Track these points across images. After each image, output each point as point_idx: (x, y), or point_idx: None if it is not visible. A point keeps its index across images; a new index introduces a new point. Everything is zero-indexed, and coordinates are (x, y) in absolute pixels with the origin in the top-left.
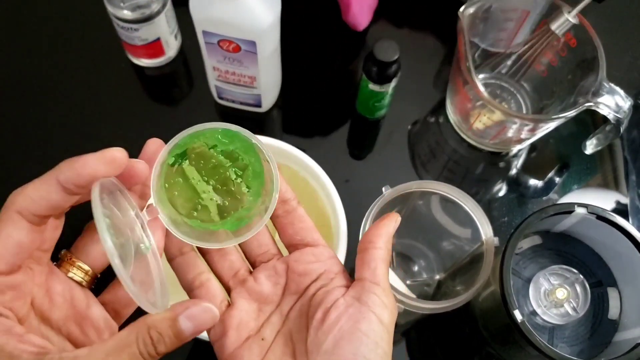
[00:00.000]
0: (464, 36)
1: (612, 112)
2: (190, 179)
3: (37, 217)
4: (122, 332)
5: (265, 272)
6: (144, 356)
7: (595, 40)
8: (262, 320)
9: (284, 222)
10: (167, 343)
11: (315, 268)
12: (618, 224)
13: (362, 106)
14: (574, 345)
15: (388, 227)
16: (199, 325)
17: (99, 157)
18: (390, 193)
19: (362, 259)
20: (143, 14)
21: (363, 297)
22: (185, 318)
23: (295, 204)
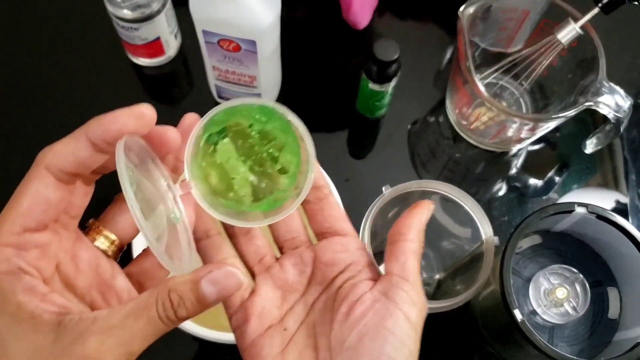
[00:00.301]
0: (463, 36)
1: (612, 111)
2: (227, 157)
3: (65, 174)
4: (143, 294)
5: (292, 260)
6: (163, 320)
7: (595, 39)
8: (285, 310)
9: (314, 209)
10: (188, 308)
11: (342, 258)
12: (618, 223)
13: (362, 105)
14: (573, 344)
15: (420, 217)
16: (222, 290)
17: (128, 111)
18: (390, 192)
19: (391, 251)
20: (143, 13)
21: (390, 292)
22: (207, 282)
23: (327, 191)
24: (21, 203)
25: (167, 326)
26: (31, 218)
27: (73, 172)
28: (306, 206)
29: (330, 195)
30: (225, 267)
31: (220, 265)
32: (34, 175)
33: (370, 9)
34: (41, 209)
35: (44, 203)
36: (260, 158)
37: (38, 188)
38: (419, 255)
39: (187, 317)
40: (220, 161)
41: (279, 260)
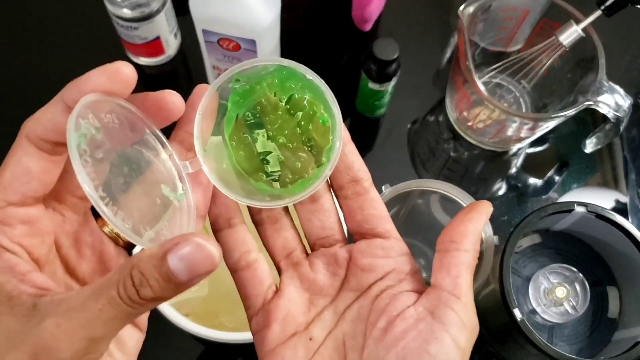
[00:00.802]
0: (463, 35)
1: (612, 110)
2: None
3: (46, 142)
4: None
5: (324, 259)
6: (125, 301)
7: (595, 39)
8: (312, 316)
9: (352, 206)
10: (153, 287)
11: (382, 264)
12: (617, 222)
13: (361, 105)
14: (573, 343)
15: (477, 224)
16: (193, 267)
17: (101, 69)
18: (390, 192)
19: (442, 261)
20: (143, 12)
21: (438, 311)
22: (175, 257)
23: (367, 185)
24: (2, 175)
25: (132, 308)
26: (13, 190)
27: (54, 141)
28: (343, 202)
29: (372, 190)
30: (193, 238)
31: (188, 236)
32: (15, 146)
33: (378, 12)
34: (23, 180)
35: (26, 174)
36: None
37: (19, 158)
38: (473, 267)
39: (154, 299)
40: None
41: (310, 258)
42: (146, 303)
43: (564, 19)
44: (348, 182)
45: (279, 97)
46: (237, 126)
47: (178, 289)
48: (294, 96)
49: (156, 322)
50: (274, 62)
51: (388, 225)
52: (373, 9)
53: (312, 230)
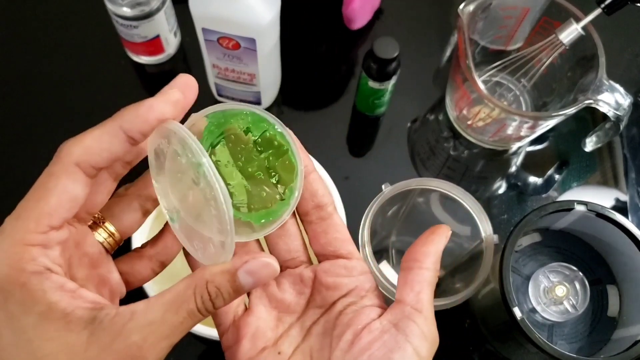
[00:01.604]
0: (463, 33)
1: (612, 109)
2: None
3: (95, 169)
4: (179, 285)
5: (290, 279)
6: (201, 312)
7: (595, 37)
8: (280, 332)
9: (317, 230)
10: (225, 298)
11: (346, 282)
12: (617, 221)
13: (361, 103)
14: (573, 342)
15: (437, 245)
16: (259, 280)
17: (164, 99)
18: (390, 190)
19: (405, 278)
20: (142, 11)
21: (401, 324)
22: (245, 273)
23: (331, 209)
24: (48, 201)
25: (205, 316)
26: (58, 217)
27: (103, 167)
28: (308, 227)
29: (335, 214)
30: (261, 257)
31: (256, 255)
32: (61, 170)
33: (371, 11)
34: (69, 206)
35: (72, 201)
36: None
37: (67, 185)
38: (434, 285)
39: (224, 306)
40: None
41: (277, 279)
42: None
43: (564, 18)
44: (312, 208)
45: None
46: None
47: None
48: (266, 133)
49: None
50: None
51: (350, 247)
52: (355, 8)
53: (279, 253)
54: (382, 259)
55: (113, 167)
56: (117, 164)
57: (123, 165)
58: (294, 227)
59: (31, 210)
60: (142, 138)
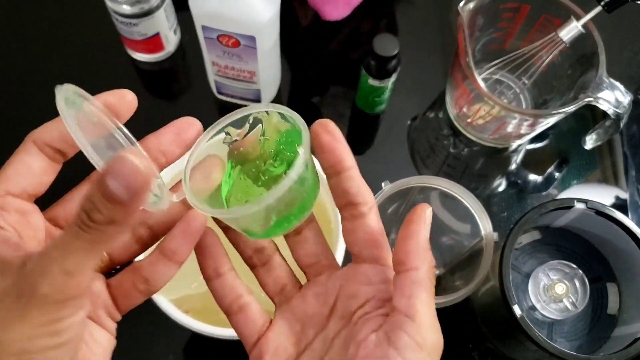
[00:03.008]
0: (463, 31)
1: (612, 107)
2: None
3: (49, 147)
4: None
5: (314, 289)
6: (83, 229)
7: (596, 35)
8: (303, 345)
9: (347, 227)
10: (102, 210)
11: (364, 291)
12: (617, 219)
13: (361, 101)
14: (572, 340)
15: (418, 235)
16: (128, 184)
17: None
18: (390, 188)
19: (395, 284)
20: (142, 8)
21: (393, 336)
22: (110, 177)
23: (364, 209)
24: (6, 171)
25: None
26: (14, 183)
27: (58, 148)
28: (342, 222)
29: (369, 215)
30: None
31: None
32: (20, 148)
33: (345, 5)
34: (24, 175)
35: (27, 170)
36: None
37: (23, 157)
38: (428, 281)
39: (107, 221)
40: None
41: (302, 290)
42: (101, 227)
43: (564, 15)
44: (344, 204)
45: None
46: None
47: (126, 210)
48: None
49: (156, 319)
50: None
51: (376, 252)
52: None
53: (300, 258)
54: None
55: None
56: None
57: None
58: (310, 232)
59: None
60: None
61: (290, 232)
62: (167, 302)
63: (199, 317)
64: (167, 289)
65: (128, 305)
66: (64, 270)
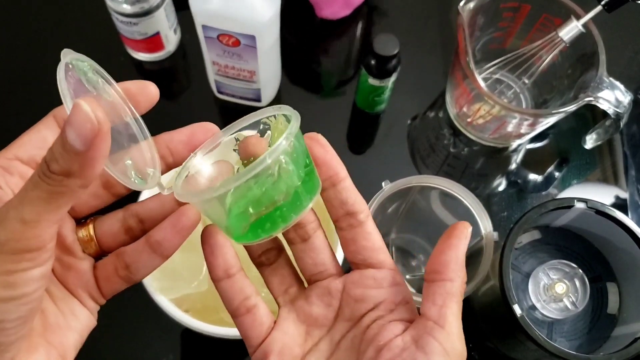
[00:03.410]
0: (463, 31)
1: (612, 106)
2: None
3: None
4: None
5: (318, 291)
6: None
7: (596, 35)
8: (309, 346)
9: (346, 237)
10: (59, 160)
11: (374, 294)
12: (617, 218)
13: (361, 101)
14: (572, 339)
15: (456, 250)
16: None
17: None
18: (390, 188)
19: (428, 291)
20: (142, 8)
21: (421, 341)
22: (68, 126)
23: (362, 217)
24: (22, 138)
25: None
26: (24, 149)
27: None
28: (339, 233)
29: (367, 222)
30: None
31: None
32: (41, 121)
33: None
34: (36, 144)
35: (40, 140)
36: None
37: (39, 128)
38: (460, 295)
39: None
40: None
41: (306, 292)
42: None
43: (564, 15)
44: (342, 215)
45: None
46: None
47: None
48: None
49: (156, 318)
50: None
51: (381, 256)
52: None
53: (305, 267)
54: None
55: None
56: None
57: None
58: (318, 240)
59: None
60: None
61: (297, 239)
62: (167, 301)
63: (198, 317)
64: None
65: (110, 290)
66: (20, 218)
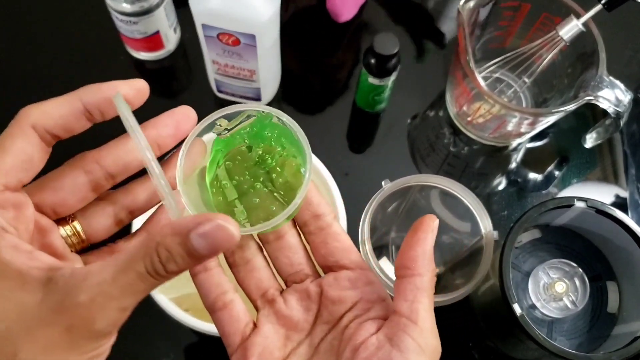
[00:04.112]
0: (463, 29)
1: (612, 105)
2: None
3: (50, 135)
4: (132, 246)
5: (297, 295)
6: (152, 275)
7: (596, 33)
8: (289, 350)
9: (316, 240)
10: (178, 262)
11: (349, 295)
12: (617, 217)
13: (361, 100)
14: (572, 338)
15: (424, 244)
16: (215, 245)
17: (126, 82)
18: (390, 187)
19: (399, 287)
20: (142, 7)
21: (396, 338)
22: (198, 236)
23: (329, 219)
24: (4, 160)
25: (159, 281)
26: (13, 176)
27: (57, 135)
28: (308, 237)
29: (334, 224)
30: (215, 219)
31: (210, 217)
32: (17, 132)
33: (355, 5)
34: (24, 167)
35: (28, 162)
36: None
37: (23, 146)
38: (430, 289)
39: (179, 271)
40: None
41: (284, 295)
42: (172, 275)
43: (564, 14)
44: (310, 217)
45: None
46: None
47: (200, 262)
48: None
49: (156, 317)
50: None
51: (353, 256)
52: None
53: (282, 267)
54: (382, 255)
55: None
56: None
57: (106, 178)
58: (294, 238)
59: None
60: (98, 115)
61: (270, 237)
62: (167, 300)
63: (199, 316)
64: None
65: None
66: (121, 307)
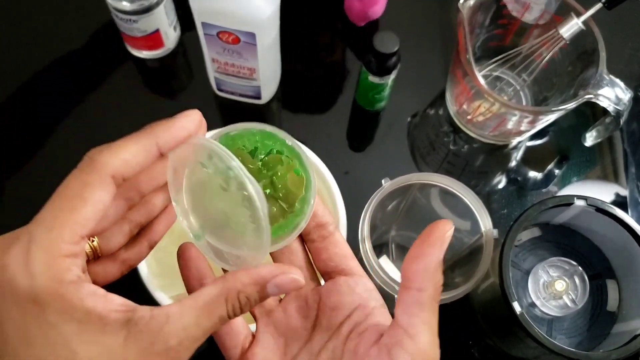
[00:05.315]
0: (463, 28)
1: (612, 104)
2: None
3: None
4: (211, 290)
5: (295, 303)
6: (230, 317)
7: (596, 32)
8: (289, 359)
9: (318, 247)
10: (252, 305)
11: (348, 302)
12: (617, 216)
13: (361, 98)
14: (572, 336)
15: (430, 258)
16: (284, 291)
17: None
18: (390, 185)
19: (400, 298)
20: (142, 5)
21: (393, 351)
22: (274, 285)
23: (332, 228)
24: (84, 211)
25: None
26: (90, 227)
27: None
28: (310, 245)
29: (336, 233)
30: (290, 272)
31: (285, 271)
32: (98, 181)
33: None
34: (99, 217)
35: (104, 213)
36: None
37: (102, 196)
38: (431, 302)
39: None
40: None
41: (282, 304)
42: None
43: (564, 12)
44: (313, 227)
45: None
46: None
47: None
48: (273, 151)
49: None
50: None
51: (352, 263)
52: (378, 10)
53: None
54: (382, 254)
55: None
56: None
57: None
58: (296, 243)
59: (66, 220)
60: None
61: None
62: (168, 299)
63: None
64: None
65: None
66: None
